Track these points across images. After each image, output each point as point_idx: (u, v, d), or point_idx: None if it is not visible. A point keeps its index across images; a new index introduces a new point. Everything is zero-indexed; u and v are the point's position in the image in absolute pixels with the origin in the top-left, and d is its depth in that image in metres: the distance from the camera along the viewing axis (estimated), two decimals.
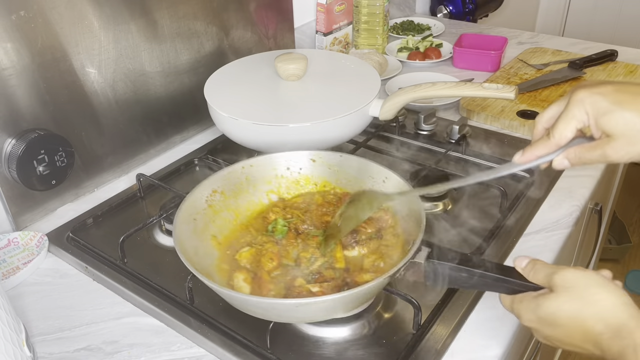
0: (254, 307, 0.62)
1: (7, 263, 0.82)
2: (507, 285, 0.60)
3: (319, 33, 1.42)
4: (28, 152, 0.83)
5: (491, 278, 0.60)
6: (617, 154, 0.56)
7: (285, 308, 0.61)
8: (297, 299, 0.61)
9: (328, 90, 1.00)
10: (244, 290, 0.67)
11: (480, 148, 1.04)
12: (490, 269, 0.61)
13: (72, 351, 0.69)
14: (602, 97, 0.56)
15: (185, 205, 0.73)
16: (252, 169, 0.81)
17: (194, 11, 1.06)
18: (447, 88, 0.92)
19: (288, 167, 0.83)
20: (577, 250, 1.17)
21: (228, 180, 0.79)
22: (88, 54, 0.91)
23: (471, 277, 0.61)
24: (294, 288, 0.66)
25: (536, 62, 1.39)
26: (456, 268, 0.62)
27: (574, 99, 0.57)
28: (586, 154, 0.58)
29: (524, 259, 0.60)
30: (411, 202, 0.71)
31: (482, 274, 0.60)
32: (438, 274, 0.63)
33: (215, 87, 1.01)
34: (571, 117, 0.57)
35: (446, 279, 0.63)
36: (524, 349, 0.91)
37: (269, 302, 0.62)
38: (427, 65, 1.45)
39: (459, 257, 0.63)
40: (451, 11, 1.80)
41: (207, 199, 0.76)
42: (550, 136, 0.59)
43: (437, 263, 0.63)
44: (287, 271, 0.69)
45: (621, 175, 1.53)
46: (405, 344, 0.66)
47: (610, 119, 0.55)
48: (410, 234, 0.69)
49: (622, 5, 2.55)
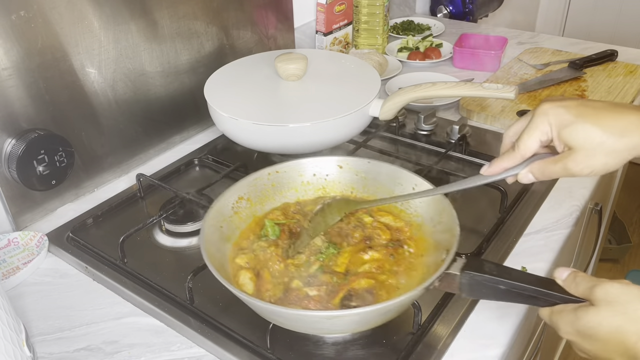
0: (280, 317, 0.62)
1: (7, 263, 0.82)
2: (546, 298, 0.57)
3: (319, 33, 1.42)
4: (28, 152, 0.83)
5: (530, 291, 0.58)
6: (578, 166, 0.56)
7: (314, 320, 0.60)
8: (329, 312, 0.61)
9: (328, 90, 1.00)
10: (248, 287, 0.67)
11: (480, 148, 1.04)
12: (529, 281, 0.58)
13: (72, 351, 0.70)
14: (565, 109, 0.57)
15: (212, 213, 0.72)
16: (279, 175, 0.80)
17: (194, 11, 1.06)
18: (447, 88, 0.92)
19: (314, 173, 0.82)
20: (577, 250, 1.17)
21: (254, 187, 0.78)
22: (88, 54, 0.91)
23: (509, 290, 0.59)
24: (291, 290, 0.66)
25: (536, 62, 1.39)
26: (493, 280, 0.59)
27: (538, 112, 0.59)
28: (549, 167, 0.59)
29: (564, 270, 0.57)
30: (443, 211, 0.70)
31: (521, 286, 0.58)
32: (474, 286, 0.61)
33: (215, 87, 1.01)
34: (534, 128, 0.59)
35: (482, 292, 0.61)
36: (524, 349, 0.91)
37: (297, 314, 0.60)
38: (427, 65, 1.45)
39: (496, 269, 0.60)
40: (451, 11, 1.80)
41: (234, 206, 0.76)
42: (515, 148, 0.61)
43: (473, 275, 0.60)
44: (286, 273, 0.69)
45: (621, 175, 1.53)
46: (405, 344, 0.66)
47: (572, 131, 0.56)
48: (439, 244, 0.69)
49: (622, 5, 2.55)
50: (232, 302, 0.72)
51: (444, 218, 0.70)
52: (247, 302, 0.62)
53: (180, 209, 0.88)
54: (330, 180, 0.82)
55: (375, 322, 0.63)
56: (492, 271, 0.60)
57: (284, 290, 0.66)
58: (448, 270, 0.61)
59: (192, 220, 0.86)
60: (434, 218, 0.72)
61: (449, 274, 0.61)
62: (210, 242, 0.69)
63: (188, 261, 0.81)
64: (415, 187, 0.75)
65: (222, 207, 0.74)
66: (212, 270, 0.62)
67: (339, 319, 0.60)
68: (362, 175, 0.81)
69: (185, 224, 0.86)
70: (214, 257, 0.66)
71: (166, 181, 0.98)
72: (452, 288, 0.62)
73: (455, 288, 0.62)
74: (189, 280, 0.71)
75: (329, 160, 0.82)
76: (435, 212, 0.72)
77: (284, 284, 0.67)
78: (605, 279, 0.54)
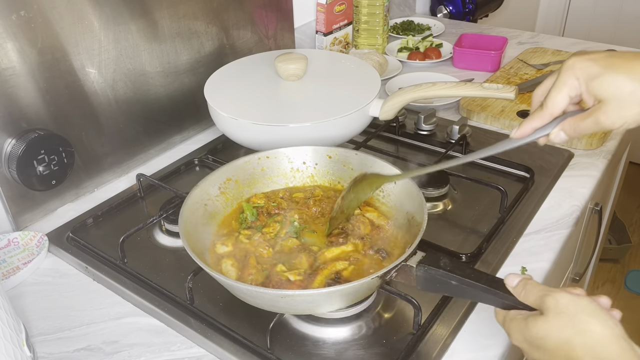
0: (242, 294, 0.64)
1: (7, 263, 0.82)
2: (497, 298, 0.58)
3: (319, 33, 1.42)
4: (28, 152, 0.83)
5: (481, 289, 0.58)
6: (609, 119, 0.54)
7: (270, 298, 0.62)
8: (280, 290, 0.63)
9: (328, 90, 1.00)
10: (231, 274, 0.68)
11: (480, 148, 1.04)
12: (480, 279, 0.59)
13: (72, 351, 0.70)
14: (593, 62, 0.55)
15: (198, 190, 0.75)
16: (269, 161, 0.83)
17: (194, 11, 1.06)
18: (447, 88, 0.92)
19: (304, 161, 0.84)
20: (577, 250, 1.17)
21: (244, 170, 0.81)
22: (88, 54, 0.91)
23: (461, 286, 0.60)
24: (274, 275, 0.67)
25: (536, 62, 1.39)
26: (446, 275, 0.61)
27: (565, 66, 0.57)
28: (580, 123, 0.56)
29: (515, 277, 0.57)
30: (416, 206, 0.71)
31: (471, 283, 0.59)
32: (428, 279, 0.62)
33: (215, 87, 1.01)
34: (562, 84, 0.57)
35: (436, 286, 0.62)
36: None
37: (256, 291, 0.62)
38: (427, 65, 1.45)
39: (451, 264, 0.61)
40: (451, 11, 1.80)
41: (221, 186, 0.78)
42: (543, 106, 0.58)
43: (427, 268, 0.62)
44: (271, 260, 0.71)
45: (621, 175, 1.52)
46: (405, 344, 0.66)
47: (602, 83, 0.54)
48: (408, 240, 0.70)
49: (622, 5, 2.55)
50: (233, 302, 0.72)
51: (417, 214, 0.71)
52: (211, 274, 0.63)
53: (180, 209, 0.88)
54: (319, 170, 0.84)
55: (330, 305, 0.64)
56: (446, 266, 0.61)
57: (267, 276, 0.68)
58: (405, 262, 0.63)
59: None
60: (408, 213, 0.74)
61: (406, 265, 0.63)
62: (190, 217, 0.71)
63: (188, 261, 0.80)
64: (396, 181, 0.77)
65: (208, 186, 0.77)
66: (183, 241, 0.65)
67: (292, 298, 0.61)
68: (350, 167, 0.83)
69: None
70: (187, 229, 0.69)
71: (166, 181, 0.98)
72: (409, 280, 0.64)
73: (412, 280, 0.64)
74: (189, 280, 0.71)
75: (319, 150, 0.84)
76: (410, 207, 0.73)
77: (268, 270, 0.69)
78: (557, 288, 0.54)
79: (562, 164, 1.00)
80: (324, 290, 0.61)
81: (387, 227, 0.75)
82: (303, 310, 0.66)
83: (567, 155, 1.02)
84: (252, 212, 0.78)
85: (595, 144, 1.04)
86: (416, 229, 0.68)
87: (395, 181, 0.76)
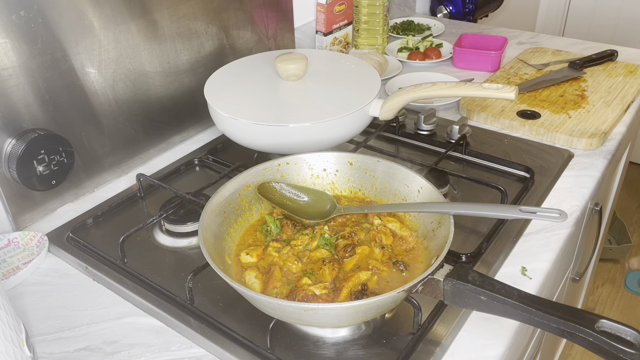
0: (264, 306, 0.62)
1: (7, 263, 0.82)
2: (529, 316, 0.55)
3: (319, 33, 1.42)
4: (28, 152, 0.83)
5: (512, 306, 0.56)
6: None
7: (292, 311, 0.60)
8: (304, 304, 0.60)
9: (328, 90, 1.00)
10: (255, 287, 0.67)
11: (480, 148, 1.04)
12: (510, 295, 0.57)
13: (72, 351, 0.70)
14: None
15: (217, 197, 0.74)
16: (289, 167, 0.82)
17: (194, 11, 1.06)
18: (447, 88, 0.92)
19: (325, 168, 0.83)
20: (577, 250, 1.17)
21: (263, 176, 0.80)
22: (88, 54, 0.91)
23: (490, 302, 0.58)
24: (299, 288, 0.66)
25: (536, 62, 1.39)
26: (475, 290, 0.58)
27: None
28: None
29: None
30: (441, 217, 0.70)
31: (502, 299, 0.57)
32: (456, 294, 0.60)
33: (215, 87, 1.01)
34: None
35: (465, 301, 0.60)
36: (523, 349, 0.91)
37: (277, 304, 0.61)
38: (427, 65, 1.45)
39: (480, 279, 0.59)
40: (451, 11, 1.80)
41: (240, 193, 0.77)
42: None
43: (456, 282, 0.59)
44: (298, 274, 0.70)
45: (621, 175, 1.52)
46: (405, 344, 0.66)
47: None
48: (432, 252, 0.69)
49: (622, 5, 2.55)
50: (233, 302, 0.72)
51: (441, 226, 0.70)
52: (222, 277, 0.62)
53: (180, 209, 0.88)
54: (339, 177, 0.83)
55: (354, 320, 0.63)
56: (475, 281, 0.59)
57: (291, 290, 0.67)
58: (432, 276, 0.61)
59: (192, 220, 0.86)
60: (432, 224, 0.72)
61: (433, 279, 0.61)
62: (211, 224, 0.70)
63: (188, 261, 0.81)
64: (420, 191, 0.76)
65: (227, 193, 0.76)
66: (203, 249, 0.64)
67: (315, 312, 0.59)
68: (372, 174, 0.81)
69: (185, 224, 0.86)
70: (207, 237, 0.68)
71: (166, 181, 0.98)
72: (436, 294, 0.62)
73: (439, 294, 0.61)
74: (189, 280, 0.71)
75: (341, 156, 0.83)
76: (434, 218, 0.72)
77: (293, 283, 0.68)
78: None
79: (562, 164, 1.00)
80: (350, 304, 0.58)
81: (410, 238, 0.74)
82: (326, 323, 0.63)
83: (567, 155, 1.02)
84: (275, 224, 0.76)
85: (595, 144, 1.04)
86: (442, 240, 0.66)
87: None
